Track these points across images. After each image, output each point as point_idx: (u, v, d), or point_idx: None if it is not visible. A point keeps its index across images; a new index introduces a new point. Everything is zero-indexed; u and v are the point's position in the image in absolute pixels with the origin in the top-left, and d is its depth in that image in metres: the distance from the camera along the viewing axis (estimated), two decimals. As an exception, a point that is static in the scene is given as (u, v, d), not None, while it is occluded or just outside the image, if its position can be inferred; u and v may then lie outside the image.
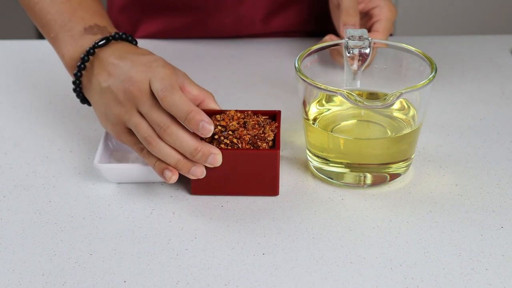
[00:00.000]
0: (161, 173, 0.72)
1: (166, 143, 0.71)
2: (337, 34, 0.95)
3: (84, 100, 0.81)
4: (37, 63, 1.04)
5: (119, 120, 0.74)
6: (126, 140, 0.76)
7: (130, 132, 0.75)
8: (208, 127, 0.70)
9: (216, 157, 0.71)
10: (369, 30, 0.91)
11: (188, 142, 0.70)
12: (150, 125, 0.72)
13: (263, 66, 1.03)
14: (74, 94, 0.79)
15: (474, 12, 2.12)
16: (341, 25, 0.89)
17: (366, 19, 0.93)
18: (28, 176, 0.78)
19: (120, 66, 0.74)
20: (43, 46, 1.12)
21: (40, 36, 2.27)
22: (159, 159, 0.72)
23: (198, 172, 0.72)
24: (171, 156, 0.71)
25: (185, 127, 0.71)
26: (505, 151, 0.82)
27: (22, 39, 1.52)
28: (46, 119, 0.89)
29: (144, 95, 0.72)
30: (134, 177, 0.75)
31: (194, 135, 0.71)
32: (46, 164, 0.80)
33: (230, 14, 1.05)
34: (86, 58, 0.77)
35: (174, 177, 0.71)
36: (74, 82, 0.79)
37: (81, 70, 0.77)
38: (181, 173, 0.71)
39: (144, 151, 0.73)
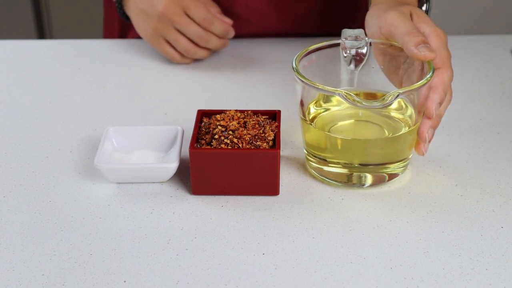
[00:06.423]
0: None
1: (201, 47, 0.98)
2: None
3: (124, 15, 1.00)
4: (37, 63, 1.04)
5: (158, 34, 0.96)
6: (162, 49, 0.98)
7: (168, 42, 0.97)
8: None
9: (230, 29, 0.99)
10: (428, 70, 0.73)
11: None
12: (187, 37, 0.96)
13: (263, 66, 1.03)
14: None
15: (474, 12, 2.12)
16: (410, 48, 0.72)
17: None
18: (28, 176, 0.78)
19: None
20: (43, 46, 1.12)
21: (40, 36, 2.27)
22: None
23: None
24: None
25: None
26: (505, 151, 0.82)
27: (22, 39, 1.52)
28: (46, 119, 0.89)
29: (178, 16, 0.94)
30: (134, 177, 0.75)
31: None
32: (46, 164, 0.80)
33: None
34: None
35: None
36: (116, 1, 0.98)
37: None
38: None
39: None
